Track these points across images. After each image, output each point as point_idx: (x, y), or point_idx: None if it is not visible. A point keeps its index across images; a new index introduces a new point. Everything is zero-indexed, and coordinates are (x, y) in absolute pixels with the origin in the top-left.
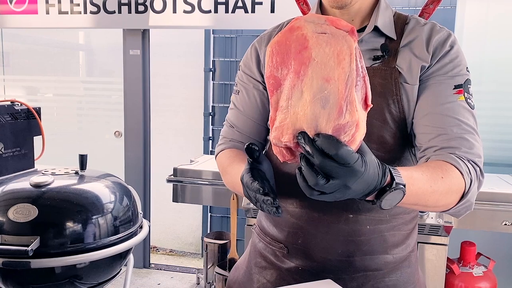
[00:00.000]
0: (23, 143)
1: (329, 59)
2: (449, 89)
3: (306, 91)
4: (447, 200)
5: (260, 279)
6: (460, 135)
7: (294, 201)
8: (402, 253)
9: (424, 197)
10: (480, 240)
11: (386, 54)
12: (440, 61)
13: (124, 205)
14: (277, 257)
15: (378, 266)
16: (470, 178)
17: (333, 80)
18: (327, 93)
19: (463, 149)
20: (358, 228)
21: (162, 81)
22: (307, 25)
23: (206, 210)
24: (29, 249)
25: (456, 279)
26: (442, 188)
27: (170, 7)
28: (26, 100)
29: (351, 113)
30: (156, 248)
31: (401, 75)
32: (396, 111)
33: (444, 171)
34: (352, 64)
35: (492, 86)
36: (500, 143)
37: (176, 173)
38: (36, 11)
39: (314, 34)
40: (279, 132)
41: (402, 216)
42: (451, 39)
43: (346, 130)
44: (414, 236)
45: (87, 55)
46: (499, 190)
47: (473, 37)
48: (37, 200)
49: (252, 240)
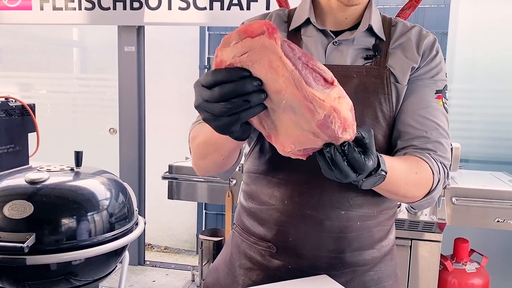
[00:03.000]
0: (17, 140)
1: (266, 74)
2: (431, 93)
3: (272, 107)
4: (415, 193)
5: (245, 281)
6: (437, 139)
7: (285, 198)
8: (386, 247)
9: (397, 186)
10: (473, 236)
11: (378, 54)
12: (427, 64)
13: (120, 202)
14: (263, 256)
15: (366, 261)
16: (438, 178)
17: (283, 90)
18: (287, 102)
19: (438, 152)
20: (349, 224)
21: (157, 78)
22: (225, 53)
23: (201, 207)
24: (24, 246)
25: (449, 276)
26: (414, 181)
27: (165, 3)
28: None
29: (320, 106)
30: (151, 245)
31: (393, 75)
32: (387, 110)
33: (419, 167)
34: (289, 66)
35: (485, 84)
36: (493, 140)
37: (171, 170)
38: (30, 7)
39: (236, 59)
40: (280, 146)
41: (386, 212)
42: (437, 44)
43: (330, 120)
44: (393, 231)
45: (82, 51)
46: (492, 187)
47: (467, 35)
48: (32, 197)
49: (234, 240)
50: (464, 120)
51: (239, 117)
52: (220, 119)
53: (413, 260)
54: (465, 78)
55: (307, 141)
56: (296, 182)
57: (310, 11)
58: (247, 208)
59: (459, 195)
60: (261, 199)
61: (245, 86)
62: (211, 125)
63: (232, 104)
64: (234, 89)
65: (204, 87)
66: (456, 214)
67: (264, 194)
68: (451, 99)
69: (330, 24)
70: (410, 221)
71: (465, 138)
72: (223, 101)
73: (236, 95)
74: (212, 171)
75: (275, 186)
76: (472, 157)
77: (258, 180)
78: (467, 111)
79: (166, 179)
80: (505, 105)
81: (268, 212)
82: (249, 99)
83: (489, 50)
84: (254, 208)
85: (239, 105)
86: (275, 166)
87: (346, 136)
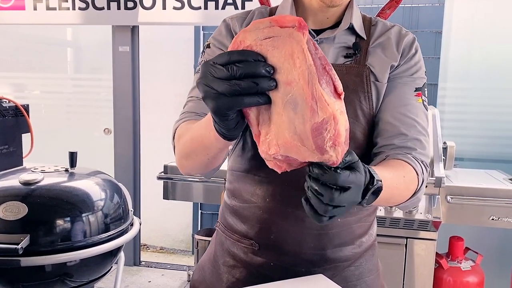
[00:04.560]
0: (11, 141)
1: (283, 63)
2: (411, 91)
3: (275, 100)
4: (403, 197)
5: (229, 278)
6: (416, 136)
7: (267, 196)
8: (367, 243)
9: (390, 193)
10: (468, 235)
11: (358, 53)
12: (407, 62)
13: (115, 202)
14: (246, 254)
15: (347, 256)
16: (422, 179)
17: (294, 82)
18: (293, 96)
19: (418, 150)
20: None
21: (151, 78)
22: (248, 35)
23: (196, 207)
24: (19, 247)
25: (444, 274)
26: (404, 186)
27: (159, 3)
28: (13, 97)
29: (323, 109)
30: (147, 245)
31: (372, 74)
32: (367, 108)
33: (405, 172)
34: (308, 60)
35: (479, 82)
36: (487, 139)
37: (167, 170)
38: (23, 7)
39: (258, 42)
40: (265, 146)
41: (367, 208)
42: (416, 43)
43: (325, 127)
44: (375, 226)
45: (76, 51)
46: (486, 185)
47: (461, 34)
48: (26, 198)
49: (218, 238)
50: (458, 118)
51: (242, 100)
52: (221, 97)
53: (409, 259)
54: (459, 77)
55: (292, 148)
56: (277, 181)
57: (291, 9)
58: (230, 206)
59: (454, 193)
60: (243, 197)
61: (257, 68)
62: (209, 105)
63: (239, 84)
64: (245, 70)
65: (213, 65)
66: (451, 212)
67: (247, 192)
68: (446, 98)
69: (312, 23)
70: (405, 219)
71: (459, 137)
72: (231, 79)
73: (246, 76)
74: (196, 170)
75: (257, 184)
76: (467, 155)
77: (241, 178)
78: (462, 109)
79: (161, 179)
80: (500, 104)
81: (251, 210)
82: (257, 82)
83: (483, 48)
84: (237, 206)
85: (246, 87)
86: (257, 164)
87: (331, 154)
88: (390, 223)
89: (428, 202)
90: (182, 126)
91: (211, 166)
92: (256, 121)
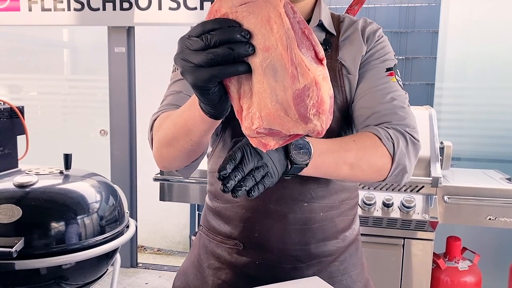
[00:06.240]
0: (6, 143)
1: (260, 28)
2: (381, 72)
3: (255, 68)
4: (374, 160)
5: (215, 281)
6: (390, 110)
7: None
8: (350, 237)
9: (339, 154)
10: (465, 235)
11: (329, 48)
12: (373, 48)
13: (110, 204)
14: (231, 255)
15: (331, 251)
16: (392, 142)
17: (272, 48)
18: (272, 62)
19: (393, 122)
20: (312, 216)
21: (147, 79)
22: (224, 3)
23: (193, 209)
24: (13, 251)
25: (442, 274)
26: (356, 146)
27: (155, 4)
28: (9, 98)
29: (304, 75)
30: (144, 247)
31: (344, 67)
32: (341, 101)
33: (356, 136)
34: (286, 24)
35: (476, 82)
36: (485, 138)
37: (163, 172)
38: (18, 8)
39: (233, 9)
40: (249, 121)
41: (348, 202)
42: (380, 31)
43: (307, 93)
44: (357, 221)
45: (72, 53)
46: (483, 185)
47: (457, 33)
48: (21, 201)
49: (201, 242)
50: (455, 118)
51: (221, 70)
52: (199, 69)
53: (406, 259)
54: (456, 76)
55: (275, 119)
56: None
57: None
58: (213, 208)
59: (451, 193)
60: (225, 197)
61: (232, 34)
62: (188, 79)
63: (215, 53)
64: (220, 36)
65: (189, 38)
66: (448, 212)
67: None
68: (442, 98)
69: None
70: (402, 220)
71: (456, 136)
72: (207, 49)
73: (221, 43)
74: (177, 162)
75: None
76: (464, 155)
77: None
78: (459, 109)
79: (158, 180)
80: (497, 103)
81: (233, 210)
82: (233, 47)
83: (480, 48)
84: (219, 207)
85: (223, 55)
86: None
87: (315, 123)
88: (387, 223)
89: (425, 202)
90: (162, 115)
91: (193, 155)
92: (237, 94)
